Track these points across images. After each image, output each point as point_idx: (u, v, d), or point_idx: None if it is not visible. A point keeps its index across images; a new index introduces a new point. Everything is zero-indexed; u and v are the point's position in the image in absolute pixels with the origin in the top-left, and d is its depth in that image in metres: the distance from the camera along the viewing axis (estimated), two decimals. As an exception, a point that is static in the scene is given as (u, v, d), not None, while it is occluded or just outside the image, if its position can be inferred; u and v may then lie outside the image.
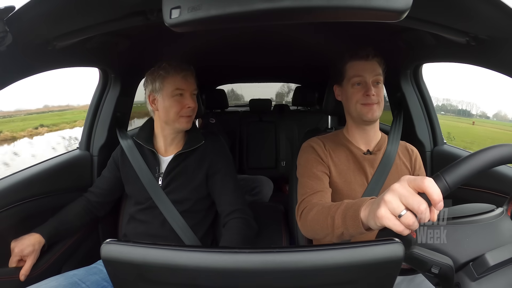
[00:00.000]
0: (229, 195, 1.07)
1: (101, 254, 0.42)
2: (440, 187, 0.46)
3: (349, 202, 0.68)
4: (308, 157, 0.97)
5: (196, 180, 1.06)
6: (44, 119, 6.65)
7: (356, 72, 0.94)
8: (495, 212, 0.54)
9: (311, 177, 0.92)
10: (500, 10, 0.61)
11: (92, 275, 0.97)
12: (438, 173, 0.48)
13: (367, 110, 0.93)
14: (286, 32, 1.39)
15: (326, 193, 0.89)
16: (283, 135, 2.53)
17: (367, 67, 0.94)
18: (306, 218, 0.82)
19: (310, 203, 0.84)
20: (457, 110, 12.12)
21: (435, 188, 0.44)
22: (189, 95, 1.03)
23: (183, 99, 1.02)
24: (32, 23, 0.67)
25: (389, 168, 0.96)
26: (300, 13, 0.50)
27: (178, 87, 1.02)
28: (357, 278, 0.42)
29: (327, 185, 0.93)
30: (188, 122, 1.05)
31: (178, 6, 0.50)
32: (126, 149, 1.12)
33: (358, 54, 0.94)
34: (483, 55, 0.83)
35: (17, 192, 0.99)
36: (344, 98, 0.99)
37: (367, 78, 0.93)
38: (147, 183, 1.06)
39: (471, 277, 0.48)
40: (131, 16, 0.76)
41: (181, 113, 1.03)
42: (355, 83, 0.94)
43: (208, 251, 0.42)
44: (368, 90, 0.92)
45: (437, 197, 0.44)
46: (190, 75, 1.04)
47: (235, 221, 1.03)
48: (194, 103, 1.05)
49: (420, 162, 1.02)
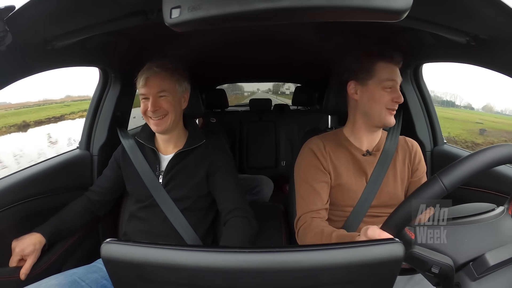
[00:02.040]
0: (230, 193, 1.07)
1: (101, 253, 0.42)
2: (437, 189, 0.46)
3: (339, 236, 0.77)
4: (308, 166, 0.95)
5: (196, 178, 1.07)
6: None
7: (390, 76, 0.91)
8: (495, 212, 0.54)
9: (309, 192, 0.93)
10: (500, 10, 0.61)
11: (92, 274, 0.97)
12: (435, 175, 0.48)
13: (390, 117, 0.92)
14: (286, 31, 1.39)
15: (323, 210, 0.92)
16: (283, 134, 2.53)
17: (396, 72, 0.92)
18: (303, 239, 0.89)
19: (306, 222, 0.90)
20: (441, 101, 12.75)
21: (375, 233, 0.55)
22: (152, 98, 1.00)
23: (146, 102, 1.01)
24: (32, 23, 0.67)
25: (387, 166, 0.96)
26: (299, 13, 0.49)
27: (140, 92, 1.01)
28: (357, 278, 0.42)
29: (325, 199, 0.93)
30: (156, 125, 1.02)
31: (178, 6, 0.50)
32: (127, 148, 1.12)
33: (393, 57, 0.92)
34: (484, 55, 0.83)
35: (17, 192, 0.99)
36: (366, 98, 0.93)
37: (398, 84, 0.92)
38: (148, 181, 1.06)
39: (471, 277, 0.48)
40: (131, 15, 0.76)
41: (147, 114, 1.02)
42: (387, 87, 0.91)
43: (208, 250, 0.42)
44: (398, 98, 0.90)
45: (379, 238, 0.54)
46: (152, 77, 0.99)
47: (235, 220, 1.03)
48: (156, 106, 0.99)
49: (420, 156, 1.01)
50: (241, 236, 0.99)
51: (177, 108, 1.04)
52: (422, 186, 0.51)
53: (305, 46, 1.65)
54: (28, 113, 6.75)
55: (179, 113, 1.07)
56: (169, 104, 1.01)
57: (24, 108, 7.11)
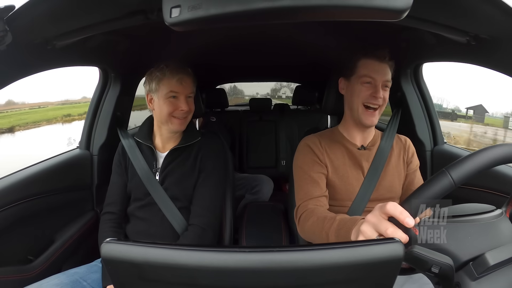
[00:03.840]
0: (201, 201, 1.07)
1: (101, 253, 0.42)
2: (446, 183, 0.46)
3: (341, 220, 0.73)
4: (305, 158, 0.97)
5: (192, 176, 1.08)
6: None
7: (367, 72, 0.92)
8: (495, 212, 0.54)
9: (308, 181, 0.94)
10: (500, 9, 0.60)
11: (93, 273, 0.97)
12: (444, 169, 0.48)
13: (367, 116, 0.93)
14: (286, 31, 1.39)
15: (323, 197, 0.92)
16: (283, 134, 2.53)
17: (379, 69, 0.92)
18: (303, 226, 0.87)
19: (307, 210, 0.88)
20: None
21: (396, 208, 0.48)
22: (183, 98, 1.03)
23: (177, 102, 1.03)
24: (32, 22, 0.67)
25: (383, 163, 0.97)
26: (299, 12, 0.49)
27: (172, 89, 1.02)
28: (357, 277, 0.42)
29: (324, 188, 0.94)
30: (181, 124, 1.06)
31: (178, 5, 0.50)
32: (126, 147, 1.13)
33: (375, 53, 0.92)
34: (484, 55, 0.83)
35: (17, 191, 0.99)
36: (349, 93, 0.97)
37: (377, 80, 0.92)
38: (145, 178, 1.07)
39: (471, 277, 0.48)
40: (131, 15, 0.76)
41: (174, 114, 1.03)
42: (364, 82, 0.93)
43: (208, 250, 0.42)
44: (376, 92, 0.91)
45: (400, 215, 0.47)
46: (186, 78, 1.03)
47: (193, 229, 1.04)
48: (188, 107, 1.04)
49: (413, 150, 1.03)
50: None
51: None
52: (430, 180, 0.50)
53: (305, 46, 1.65)
54: (72, 108, 7.82)
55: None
56: (193, 105, 1.08)
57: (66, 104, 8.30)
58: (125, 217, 1.12)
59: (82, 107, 6.76)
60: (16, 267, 0.91)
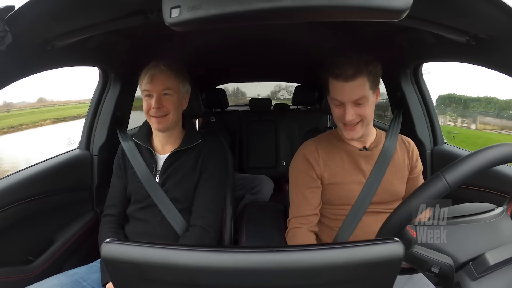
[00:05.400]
0: (203, 200, 1.06)
1: (101, 253, 0.42)
2: (440, 187, 0.46)
3: None
4: (299, 173, 0.97)
5: (192, 178, 1.07)
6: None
7: (334, 95, 0.89)
8: (495, 212, 0.54)
9: (299, 197, 0.96)
10: (500, 9, 0.61)
11: (93, 273, 0.97)
12: (438, 173, 0.48)
13: (348, 132, 0.91)
14: (286, 31, 1.39)
15: (312, 216, 0.95)
16: (283, 134, 2.52)
17: (346, 89, 0.86)
18: (289, 242, 0.94)
19: (293, 228, 0.94)
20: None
21: None
22: (156, 95, 1.01)
23: (150, 100, 1.02)
24: (32, 23, 0.67)
25: (387, 163, 0.96)
26: (299, 12, 0.49)
27: (145, 88, 1.01)
28: (357, 277, 0.42)
29: (315, 204, 0.95)
30: (159, 123, 1.02)
31: (178, 5, 0.50)
32: (126, 148, 1.12)
33: (338, 75, 0.86)
34: (483, 54, 0.83)
35: (18, 192, 0.99)
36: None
37: (345, 102, 0.87)
38: (145, 181, 1.06)
39: (471, 277, 0.48)
40: (131, 15, 0.76)
41: (150, 112, 1.02)
42: (335, 105, 0.90)
43: (208, 250, 0.42)
44: (345, 114, 0.87)
45: None
46: (157, 75, 1.00)
47: (194, 229, 1.03)
48: (160, 104, 1.00)
49: (417, 154, 1.02)
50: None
51: (179, 108, 1.06)
52: (425, 184, 0.50)
53: (305, 46, 1.64)
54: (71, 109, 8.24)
55: (180, 113, 1.08)
56: (172, 103, 1.02)
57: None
58: (125, 218, 1.12)
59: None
60: (16, 267, 0.90)
